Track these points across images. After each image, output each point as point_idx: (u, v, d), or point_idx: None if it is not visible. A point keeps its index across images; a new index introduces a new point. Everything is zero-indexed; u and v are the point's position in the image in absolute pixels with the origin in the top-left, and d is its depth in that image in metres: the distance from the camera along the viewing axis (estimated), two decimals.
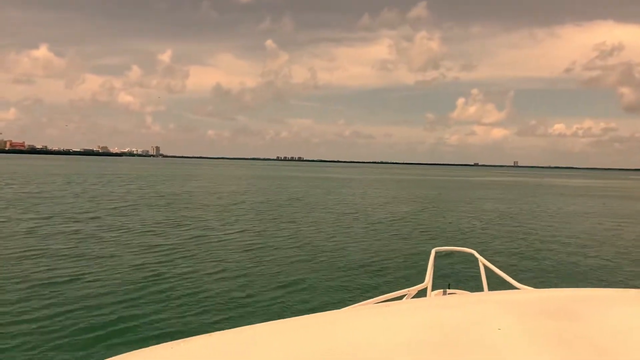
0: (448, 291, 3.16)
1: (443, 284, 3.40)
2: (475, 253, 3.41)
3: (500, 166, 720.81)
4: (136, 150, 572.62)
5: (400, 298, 2.45)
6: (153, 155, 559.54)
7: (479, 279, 3.25)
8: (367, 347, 1.20)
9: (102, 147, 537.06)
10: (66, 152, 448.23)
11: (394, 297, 2.39)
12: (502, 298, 1.79)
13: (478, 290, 2.84)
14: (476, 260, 3.30)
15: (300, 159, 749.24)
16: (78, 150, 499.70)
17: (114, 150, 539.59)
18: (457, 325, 1.38)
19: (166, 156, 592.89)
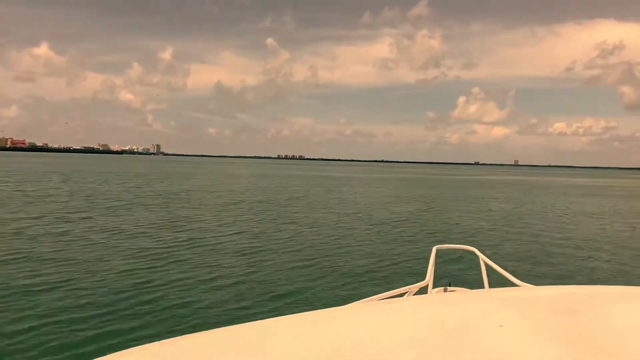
0: (449, 289, 3.15)
1: (444, 282, 3.39)
2: (476, 251, 3.40)
3: (500, 165, 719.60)
4: (137, 148, 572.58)
5: (401, 295, 2.44)
6: (154, 153, 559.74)
7: (480, 277, 3.24)
8: (368, 344, 1.20)
9: (103, 145, 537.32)
10: (67, 150, 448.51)
11: (395, 295, 2.38)
12: (503, 295, 1.79)
13: (479, 287, 2.81)
14: (477, 257, 3.28)
15: (301, 158, 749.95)
16: (78, 148, 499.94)
17: (115, 148, 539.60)
18: (458, 322, 1.38)
19: (167, 154, 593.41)
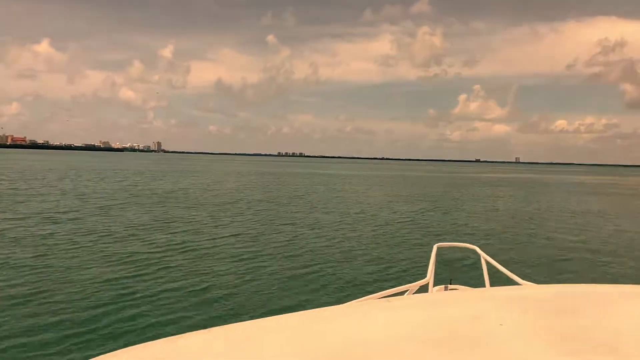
0: (450, 287, 3.09)
1: (445, 280, 3.33)
2: (477, 249, 3.36)
3: (502, 162, 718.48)
4: (138, 145, 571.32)
5: (402, 294, 2.43)
6: (154, 150, 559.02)
7: (481, 275, 3.22)
8: (369, 343, 1.20)
9: (104, 143, 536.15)
10: (67, 147, 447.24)
11: (396, 293, 2.38)
12: (504, 294, 1.78)
13: (480, 286, 2.79)
14: (478, 256, 3.25)
15: (301, 155, 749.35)
16: (79, 145, 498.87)
17: (116, 145, 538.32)
18: (459, 320, 1.37)
19: (167, 151, 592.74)
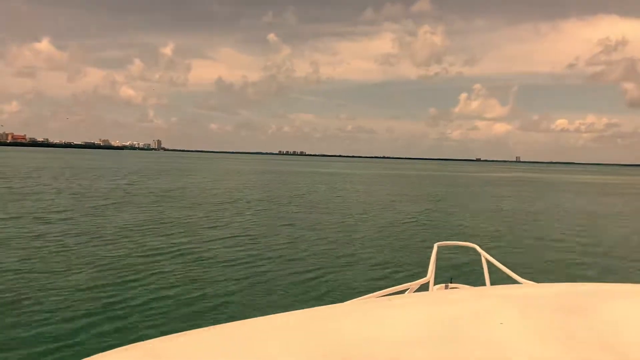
0: (450, 285, 3.10)
1: (445, 279, 3.34)
2: (477, 247, 3.35)
3: (502, 161, 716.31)
4: (138, 143, 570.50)
5: (402, 292, 2.41)
6: (155, 149, 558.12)
7: (481, 274, 3.19)
8: (370, 341, 1.19)
9: (104, 141, 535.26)
10: (67, 145, 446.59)
11: (396, 292, 2.37)
12: (505, 292, 1.77)
13: (480, 284, 2.78)
14: (479, 254, 3.23)
15: (302, 154, 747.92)
16: (79, 143, 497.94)
17: (116, 143, 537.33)
18: (459, 319, 1.36)
19: (168, 150, 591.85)
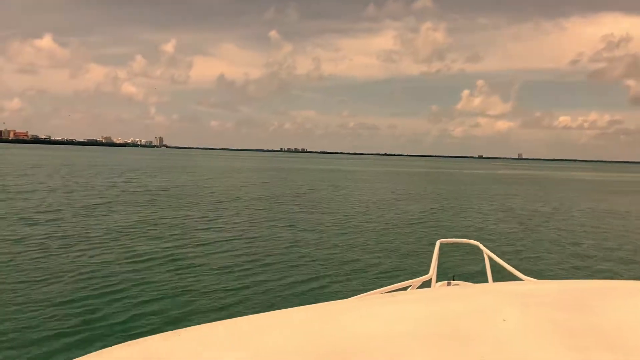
0: (452, 282, 3.10)
1: (447, 276, 3.33)
2: (480, 245, 3.33)
3: (504, 159, 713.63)
4: (140, 140, 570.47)
5: (404, 289, 2.41)
6: (156, 145, 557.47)
7: (484, 271, 3.17)
8: (371, 337, 1.20)
9: (106, 138, 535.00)
10: (69, 142, 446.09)
11: (399, 288, 2.36)
12: (507, 289, 1.77)
13: (483, 281, 2.75)
14: (481, 252, 3.23)
15: (303, 151, 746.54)
16: (81, 140, 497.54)
17: (118, 140, 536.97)
18: (462, 315, 1.37)
19: (169, 147, 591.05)
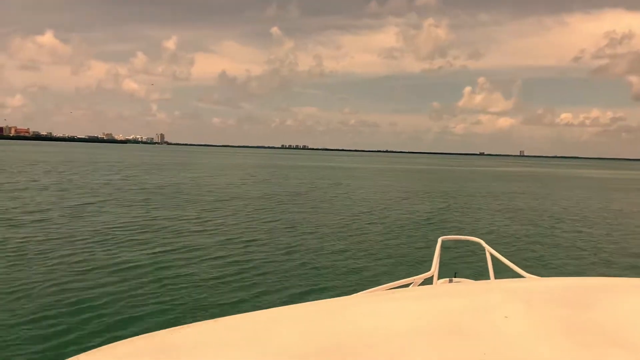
0: (454, 279, 3.08)
1: (449, 273, 3.33)
2: (481, 242, 3.33)
3: (506, 156, 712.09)
4: (141, 137, 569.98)
5: (406, 286, 2.42)
6: (158, 142, 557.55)
7: (486, 268, 3.17)
8: (373, 334, 1.20)
9: (107, 134, 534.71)
10: (71, 139, 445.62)
11: (400, 285, 2.37)
12: (509, 286, 1.77)
13: (484, 279, 2.76)
14: (483, 249, 3.22)
15: (305, 147, 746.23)
16: (83, 137, 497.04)
17: (119, 137, 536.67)
18: (463, 312, 1.37)
19: (171, 144, 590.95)
